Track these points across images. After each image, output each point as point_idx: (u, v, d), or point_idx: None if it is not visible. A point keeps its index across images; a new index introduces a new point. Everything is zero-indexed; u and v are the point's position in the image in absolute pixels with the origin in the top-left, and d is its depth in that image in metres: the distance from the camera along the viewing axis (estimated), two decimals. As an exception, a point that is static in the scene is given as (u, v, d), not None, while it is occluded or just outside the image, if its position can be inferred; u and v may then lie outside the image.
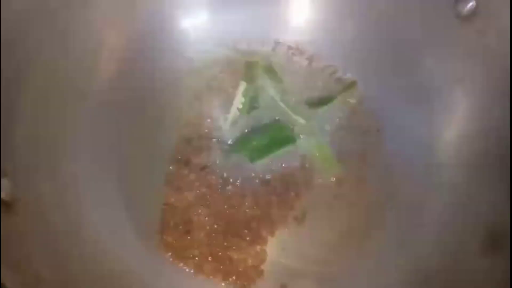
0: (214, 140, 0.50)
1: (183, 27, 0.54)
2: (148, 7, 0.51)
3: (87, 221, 0.41)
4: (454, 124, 0.48)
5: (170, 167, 0.48)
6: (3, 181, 0.33)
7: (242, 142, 0.50)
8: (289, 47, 0.56)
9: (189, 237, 0.44)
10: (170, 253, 0.43)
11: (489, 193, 0.43)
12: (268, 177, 0.48)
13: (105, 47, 0.49)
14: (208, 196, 0.46)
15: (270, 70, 0.54)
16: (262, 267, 0.44)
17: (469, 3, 0.45)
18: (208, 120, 0.51)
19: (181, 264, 0.43)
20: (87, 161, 0.45)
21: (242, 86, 0.51)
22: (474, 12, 0.45)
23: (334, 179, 0.49)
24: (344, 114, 0.53)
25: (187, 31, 0.54)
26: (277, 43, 0.56)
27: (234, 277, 0.43)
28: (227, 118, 0.51)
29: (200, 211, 0.46)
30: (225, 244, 0.44)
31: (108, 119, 0.48)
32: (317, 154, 0.50)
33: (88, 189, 0.43)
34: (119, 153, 0.48)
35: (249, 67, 0.53)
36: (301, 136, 0.51)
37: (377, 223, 0.47)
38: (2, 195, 0.32)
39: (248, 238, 0.45)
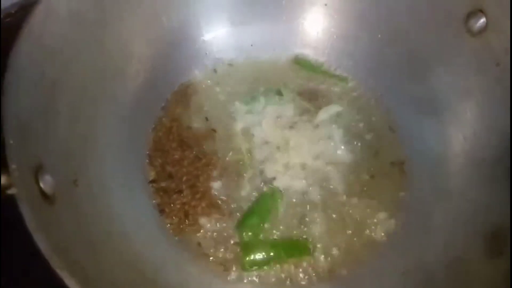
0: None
1: (206, 39, 0.58)
2: (173, 20, 0.55)
3: (115, 214, 0.45)
4: (463, 134, 0.50)
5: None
6: (46, 176, 0.36)
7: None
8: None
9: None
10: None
11: (496, 201, 0.44)
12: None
13: (134, 56, 0.53)
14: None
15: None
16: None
17: (480, 19, 0.47)
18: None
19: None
20: (114, 159, 0.48)
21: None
22: (484, 28, 0.46)
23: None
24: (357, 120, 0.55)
25: (210, 42, 0.58)
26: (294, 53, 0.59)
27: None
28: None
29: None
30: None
31: (134, 122, 0.52)
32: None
33: (115, 185, 0.47)
34: (143, 152, 0.52)
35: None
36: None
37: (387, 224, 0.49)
38: (45, 189, 0.35)
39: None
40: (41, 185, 0.35)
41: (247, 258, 0.46)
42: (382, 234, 0.49)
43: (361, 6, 0.56)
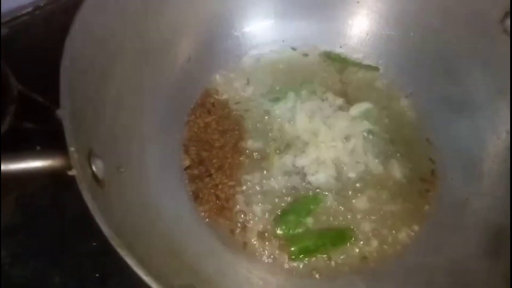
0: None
1: (239, 33, 0.60)
2: (209, 13, 0.57)
3: (154, 202, 0.46)
4: (495, 135, 0.51)
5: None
6: (97, 160, 0.37)
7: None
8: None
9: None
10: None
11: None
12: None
13: (171, 51, 0.54)
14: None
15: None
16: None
17: (517, 19, 0.47)
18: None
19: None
20: (152, 149, 0.50)
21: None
22: (521, 28, 0.47)
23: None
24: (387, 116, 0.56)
25: (253, 32, 0.60)
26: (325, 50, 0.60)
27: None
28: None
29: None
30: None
31: (170, 113, 0.54)
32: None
33: (154, 174, 0.48)
34: (178, 142, 0.53)
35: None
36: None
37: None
38: (97, 173, 0.36)
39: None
40: (93, 168, 0.36)
41: (293, 248, 0.48)
42: (412, 233, 0.50)
43: (393, 5, 0.57)
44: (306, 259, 0.48)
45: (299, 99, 0.57)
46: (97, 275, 0.49)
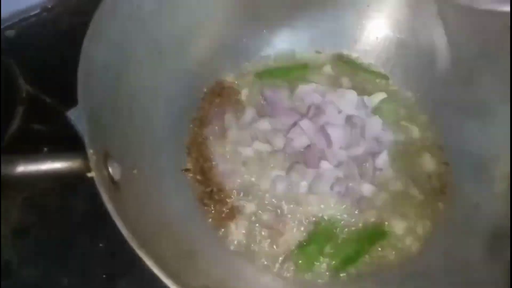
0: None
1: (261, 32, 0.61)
2: (221, 17, 0.57)
3: (166, 204, 0.46)
4: (506, 139, 0.50)
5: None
6: (113, 162, 0.38)
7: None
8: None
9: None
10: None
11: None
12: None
13: (186, 51, 0.55)
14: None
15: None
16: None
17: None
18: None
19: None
20: (164, 152, 0.50)
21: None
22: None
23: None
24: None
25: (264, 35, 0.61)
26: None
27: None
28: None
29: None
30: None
31: (179, 117, 0.54)
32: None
33: (165, 178, 0.49)
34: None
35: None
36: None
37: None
38: (113, 174, 0.37)
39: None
40: (110, 170, 0.37)
41: (334, 262, 0.48)
42: (427, 233, 0.51)
43: (403, 9, 0.58)
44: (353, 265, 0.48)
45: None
46: (104, 275, 0.49)
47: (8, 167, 0.31)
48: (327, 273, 0.48)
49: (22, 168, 0.31)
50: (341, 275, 0.48)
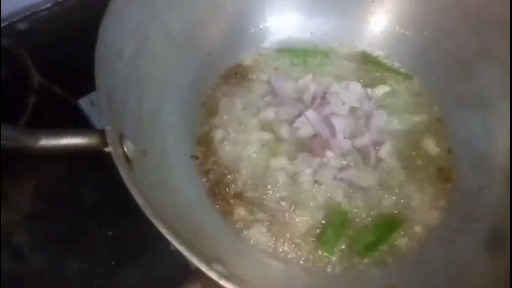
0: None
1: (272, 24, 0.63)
2: (237, 4, 0.59)
3: (175, 187, 0.48)
4: (506, 132, 0.51)
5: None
6: (127, 141, 0.39)
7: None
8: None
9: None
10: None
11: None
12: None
13: (195, 43, 0.56)
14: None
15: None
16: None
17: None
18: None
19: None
20: (173, 138, 0.51)
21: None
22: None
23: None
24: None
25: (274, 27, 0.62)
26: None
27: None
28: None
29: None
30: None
31: (189, 104, 0.56)
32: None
33: (175, 162, 0.50)
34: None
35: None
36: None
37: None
38: (127, 153, 0.38)
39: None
40: (125, 149, 0.38)
41: (359, 246, 0.48)
42: (429, 226, 0.51)
43: (407, 4, 0.59)
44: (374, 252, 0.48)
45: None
46: (112, 262, 0.50)
47: (31, 140, 0.32)
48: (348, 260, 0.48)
49: (44, 141, 0.32)
50: (364, 261, 0.48)
